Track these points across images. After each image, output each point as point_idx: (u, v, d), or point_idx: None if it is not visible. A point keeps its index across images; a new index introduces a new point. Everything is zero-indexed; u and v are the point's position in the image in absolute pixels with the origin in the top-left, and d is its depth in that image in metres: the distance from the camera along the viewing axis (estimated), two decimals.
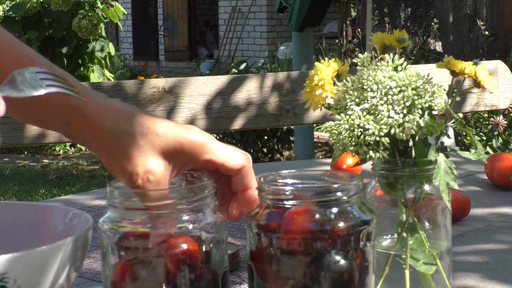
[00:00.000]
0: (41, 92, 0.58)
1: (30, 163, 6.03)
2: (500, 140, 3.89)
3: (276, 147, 5.59)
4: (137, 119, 0.71)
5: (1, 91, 0.56)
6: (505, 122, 3.81)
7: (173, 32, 13.58)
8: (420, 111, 0.75)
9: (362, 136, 0.74)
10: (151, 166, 0.69)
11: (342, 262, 0.69)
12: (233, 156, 0.72)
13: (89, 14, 5.57)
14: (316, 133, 5.86)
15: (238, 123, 1.93)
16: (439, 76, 1.10)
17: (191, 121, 1.87)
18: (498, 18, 9.83)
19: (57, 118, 0.72)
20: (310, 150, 4.54)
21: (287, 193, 0.70)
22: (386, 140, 0.74)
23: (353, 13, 10.60)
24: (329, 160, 1.72)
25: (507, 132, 3.97)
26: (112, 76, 6.36)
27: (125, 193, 0.70)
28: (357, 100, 0.76)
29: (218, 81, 1.92)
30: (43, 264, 0.67)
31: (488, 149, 3.88)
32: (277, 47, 11.40)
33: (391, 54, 0.79)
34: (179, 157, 0.70)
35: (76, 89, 0.62)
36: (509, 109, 3.76)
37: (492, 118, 3.87)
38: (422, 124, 0.75)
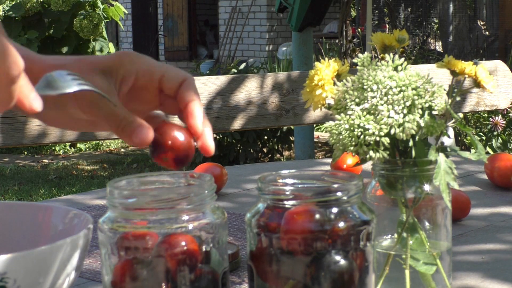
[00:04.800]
0: (75, 89, 0.64)
1: (30, 163, 6.04)
2: (500, 140, 3.89)
3: (276, 147, 5.59)
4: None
5: (39, 90, 0.62)
6: (504, 122, 3.81)
7: (173, 32, 13.58)
8: (420, 111, 0.75)
9: (362, 136, 0.74)
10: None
11: (342, 262, 0.69)
12: (172, 69, 0.76)
13: (91, 14, 5.57)
14: (316, 133, 5.87)
15: (238, 123, 1.93)
16: (439, 76, 1.10)
17: None
18: (498, 18, 9.83)
19: None
20: (310, 150, 4.55)
21: (287, 193, 0.70)
22: (386, 140, 0.74)
23: (353, 13, 10.60)
24: (329, 160, 1.72)
25: (506, 132, 3.97)
26: None
27: (125, 193, 0.70)
28: (357, 100, 0.76)
29: (218, 81, 1.92)
30: (43, 264, 0.67)
31: (488, 149, 3.88)
32: (277, 47, 11.40)
33: (391, 54, 0.80)
34: (118, 70, 0.74)
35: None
36: (507, 109, 3.76)
37: (491, 119, 3.87)
38: (422, 124, 0.75)
